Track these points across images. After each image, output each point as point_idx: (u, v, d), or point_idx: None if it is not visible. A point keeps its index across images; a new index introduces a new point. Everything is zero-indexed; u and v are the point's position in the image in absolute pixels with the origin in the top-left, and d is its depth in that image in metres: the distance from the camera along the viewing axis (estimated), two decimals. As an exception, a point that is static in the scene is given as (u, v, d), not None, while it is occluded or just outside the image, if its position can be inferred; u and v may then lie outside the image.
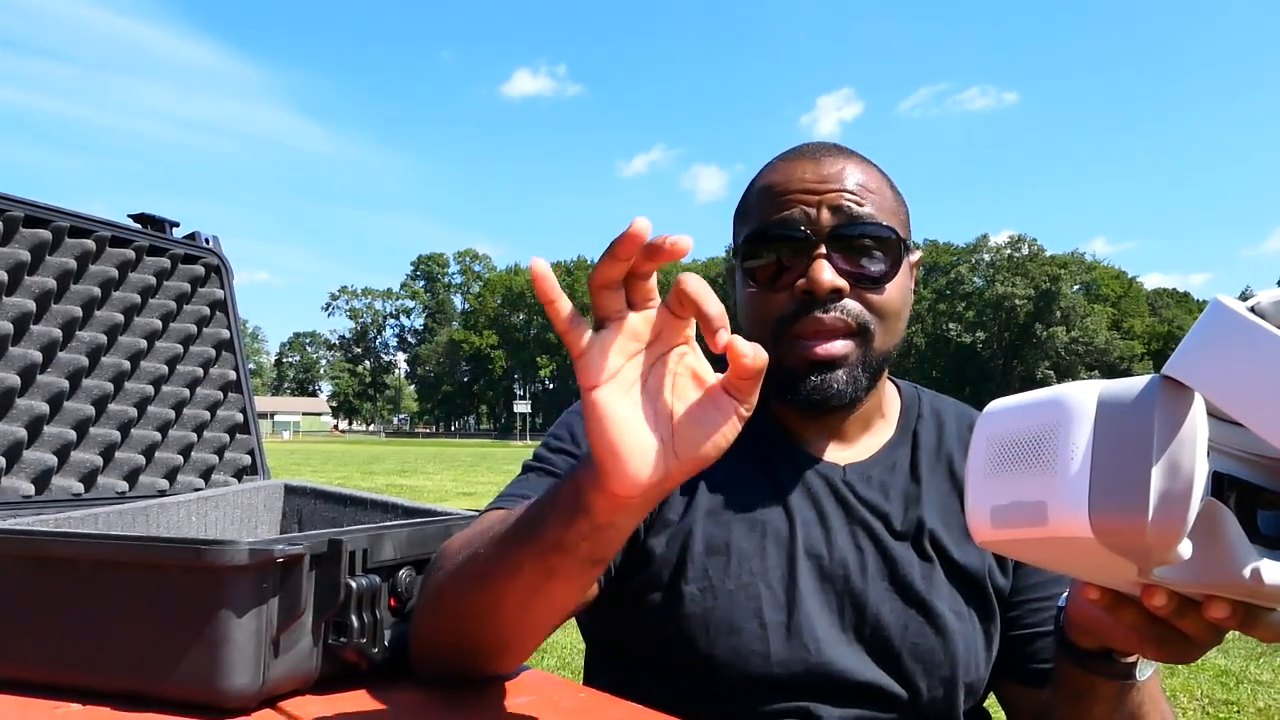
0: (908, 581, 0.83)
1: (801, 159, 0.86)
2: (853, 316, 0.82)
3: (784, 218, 0.83)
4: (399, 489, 13.23)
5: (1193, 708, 3.39)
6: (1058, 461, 0.46)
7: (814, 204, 0.83)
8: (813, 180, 0.84)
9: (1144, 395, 0.45)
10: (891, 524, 0.86)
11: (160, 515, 0.99)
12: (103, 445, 1.09)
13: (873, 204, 0.84)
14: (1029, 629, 0.89)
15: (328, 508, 1.10)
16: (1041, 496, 0.47)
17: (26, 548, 0.68)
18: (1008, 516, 0.49)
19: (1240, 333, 0.42)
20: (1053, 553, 0.50)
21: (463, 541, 0.71)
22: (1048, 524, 0.47)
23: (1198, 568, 0.46)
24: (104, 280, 1.14)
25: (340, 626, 0.69)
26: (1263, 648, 4.32)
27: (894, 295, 0.84)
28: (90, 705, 0.64)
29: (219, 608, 0.63)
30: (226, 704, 0.63)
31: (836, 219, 0.82)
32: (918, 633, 0.82)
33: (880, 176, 0.88)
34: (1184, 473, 0.43)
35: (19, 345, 1.02)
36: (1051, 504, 0.46)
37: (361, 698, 0.69)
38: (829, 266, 0.81)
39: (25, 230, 1.05)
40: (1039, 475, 0.47)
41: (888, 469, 0.89)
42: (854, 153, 0.88)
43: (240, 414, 1.29)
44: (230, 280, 1.33)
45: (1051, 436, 0.47)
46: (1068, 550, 0.48)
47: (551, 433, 0.90)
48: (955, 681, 0.83)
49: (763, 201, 0.86)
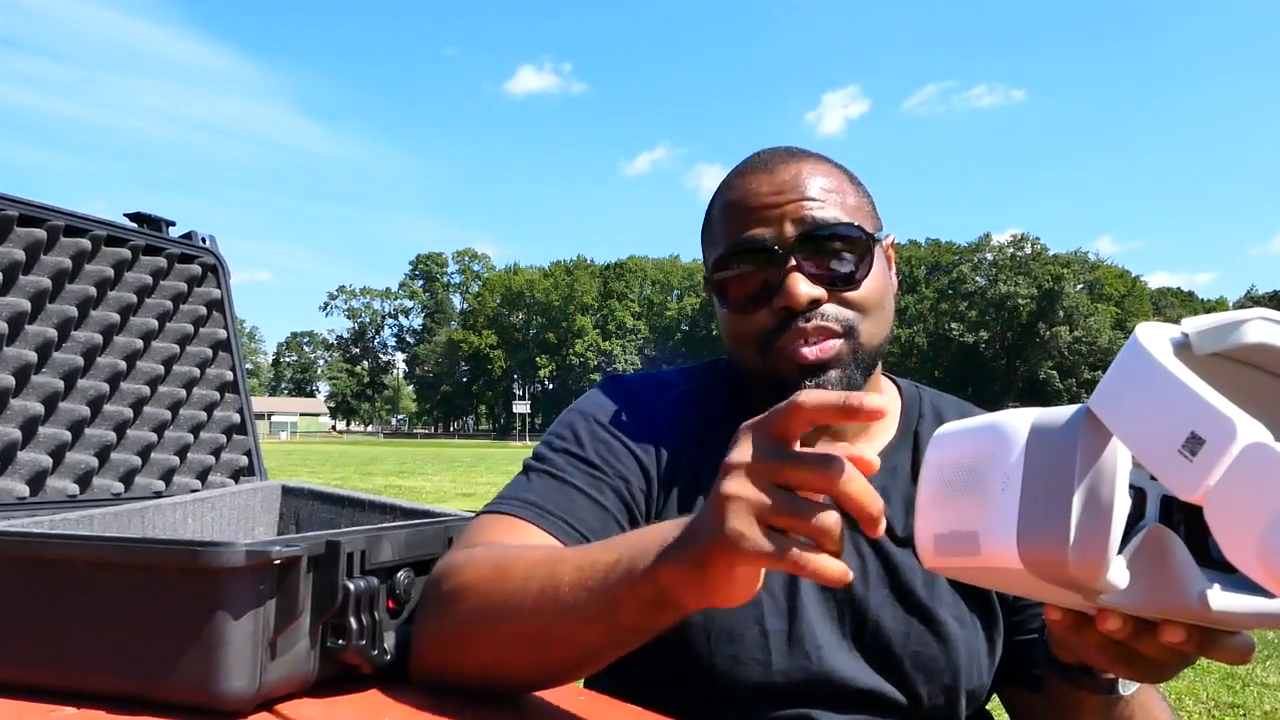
0: (909, 589, 0.83)
1: (756, 172, 0.86)
2: (835, 321, 0.82)
3: (748, 237, 0.83)
4: (397, 490, 13.23)
5: (1198, 711, 3.38)
6: (990, 492, 0.47)
7: (776, 218, 0.83)
8: (769, 193, 0.84)
9: (1068, 427, 0.45)
10: (893, 530, 0.85)
11: (156, 517, 0.98)
12: (98, 446, 1.08)
13: (834, 204, 0.84)
14: (1032, 634, 0.88)
15: (325, 509, 1.09)
16: (975, 526, 0.48)
17: (21, 549, 0.67)
18: (947, 545, 0.50)
19: (1144, 371, 0.42)
20: (996, 580, 0.51)
21: (494, 574, 0.68)
22: (980, 554, 0.48)
23: (1146, 592, 0.46)
24: (100, 280, 1.13)
25: (338, 628, 0.68)
26: (1270, 650, 4.32)
27: (872, 290, 0.84)
28: (85, 708, 0.63)
29: (215, 610, 0.62)
30: (223, 707, 0.62)
31: (800, 229, 0.82)
32: (919, 640, 0.82)
33: (838, 173, 0.87)
34: (1103, 505, 0.43)
35: (13, 345, 1.01)
36: (983, 534, 0.47)
37: (359, 700, 0.69)
38: (802, 279, 0.81)
39: (20, 229, 1.04)
40: (974, 505, 0.48)
41: (888, 474, 0.88)
42: (807, 154, 0.88)
43: (237, 414, 1.28)
44: (227, 280, 1.32)
45: (986, 465, 0.48)
46: (1008, 578, 0.48)
47: (553, 432, 0.89)
48: (957, 689, 0.83)
49: (726, 222, 0.86)
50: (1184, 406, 0.40)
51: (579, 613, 0.62)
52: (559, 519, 0.78)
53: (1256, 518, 0.38)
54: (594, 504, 0.81)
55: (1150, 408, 0.41)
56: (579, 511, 0.80)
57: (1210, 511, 0.39)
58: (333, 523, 1.08)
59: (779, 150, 0.88)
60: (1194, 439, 0.39)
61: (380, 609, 0.71)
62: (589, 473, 0.83)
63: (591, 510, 0.80)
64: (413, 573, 0.76)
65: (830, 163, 0.88)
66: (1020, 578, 0.47)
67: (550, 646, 0.65)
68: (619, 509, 0.82)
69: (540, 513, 0.79)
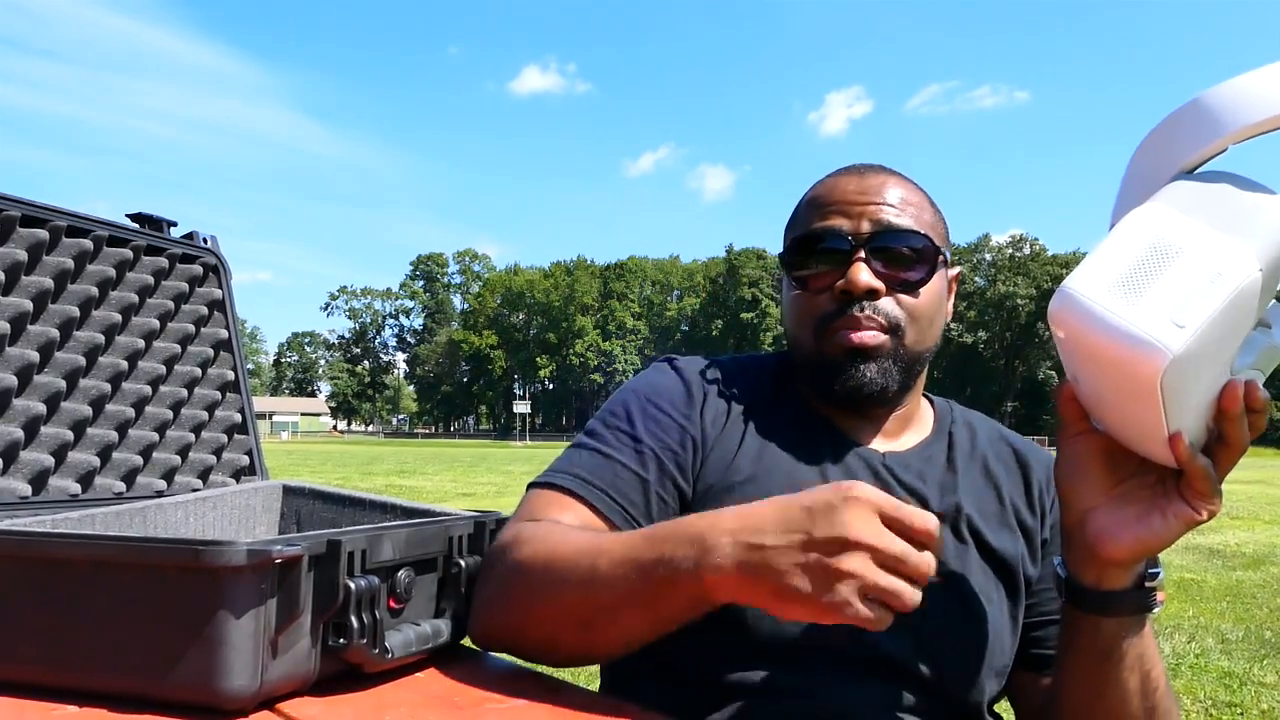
0: (942, 562, 0.84)
1: (848, 175, 0.93)
2: (885, 315, 0.87)
3: (827, 226, 0.90)
4: (398, 489, 13.23)
5: (1196, 710, 3.38)
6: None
7: (856, 214, 0.89)
8: (855, 193, 0.91)
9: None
10: (929, 505, 0.89)
11: (158, 516, 0.99)
12: (100, 446, 1.08)
13: (911, 216, 0.90)
14: (1040, 616, 0.92)
15: (326, 508, 1.09)
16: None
17: (23, 549, 0.67)
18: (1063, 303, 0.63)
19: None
20: (1083, 352, 0.63)
21: (548, 561, 0.76)
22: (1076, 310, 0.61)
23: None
24: (101, 280, 1.13)
25: (339, 627, 0.68)
26: (1267, 649, 4.32)
27: (927, 300, 0.90)
28: (86, 707, 0.63)
29: (217, 609, 0.62)
30: (224, 705, 0.62)
31: (875, 227, 0.88)
32: (947, 614, 0.84)
33: (921, 195, 0.94)
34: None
35: (16, 345, 1.02)
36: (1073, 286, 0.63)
37: (360, 699, 0.69)
38: (866, 269, 0.87)
39: (22, 230, 1.04)
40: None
41: (925, 460, 0.93)
42: (897, 172, 0.95)
43: (238, 414, 1.28)
44: (228, 280, 1.32)
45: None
46: (1088, 348, 0.62)
47: (608, 408, 0.95)
48: (981, 664, 0.85)
49: (809, 212, 0.93)
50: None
51: (622, 602, 0.70)
52: (602, 491, 0.86)
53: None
54: (636, 478, 0.87)
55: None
56: (621, 485, 0.87)
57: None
58: (334, 522, 1.08)
59: (869, 164, 0.96)
60: None
61: (381, 608, 0.71)
62: (634, 447, 0.89)
63: (633, 484, 0.87)
64: (413, 572, 0.76)
65: (916, 185, 0.95)
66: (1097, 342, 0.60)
67: (595, 629, 0.73)
68: (659, 481, 0.88)
69: (586, 486, 0.86)
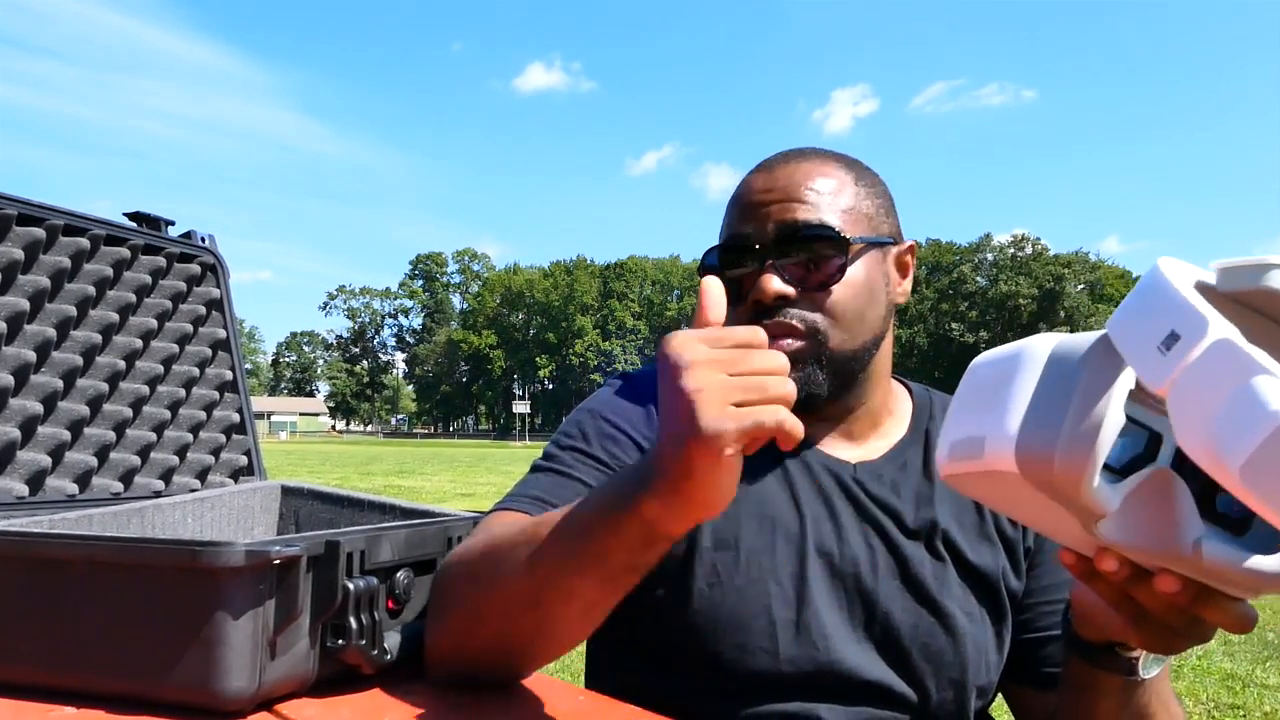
0: (919, 580, 0.83)
1: (758, 171, 0.89)
2: (799, 320, 0.83)
3: (734, 234, 0.86)
4: (397, 490, 13.23)
5: (1198, 712, 3.38)
6: (1005, 402, 0.49)
7: (762, 216, 0.85)
8: (761, 191, 0.86)
9: (1086, 347, 0.47)
10: (903, 522, 0.85)
11: (156, 516, 0.98)
12: (97, 446, 1.08)
13: (824, 206, 0.84)
14: (1040, 632, 0.89)
15: (325, 509, 1.09)
16: (983, 432, 0.50)
17: (20, 549, 0.67)
18: (958, 450, 0.52)
19: (1153, 292, 0.43)
20: (997, 492, 0.53)
21: (486, 549, 0.71)
22: (984, 457, 0.50)
23: (1145, 533, 0.48)
24: (99, 279, 1.13)
25: (338, 628, 0.68)
26: (1270, 651, 4.32)
27: (844, 295, 0.84)
28: (84, 708, 0.63)
29: (215, 609, 0.62)
30: (222, 707, 0.62)
31: (779, 230, 0.84)
32: (928, 632, 0.82)
33: (842, 175, 0.88)
34: (1095, 416, 0.45)
35: (12, 344, 1.01)
36: (989, 438, 0.49)
37: (359, 700, 0.68)
38: (775, 277, 0.83)
39: (19, 228, 1.04)
40: (988, 414, 0.50)
41: (899, 468, 0.89)
42: (815, 154, 0.89)
43: (236, 414, 1.28)
44: (226, 279, 1.32)
45: (1006, 380, 0.50)
46: (1005, 486, 0.50)
47: (562, 431, 0.90)
48: (965, 683, 0.83)
49: (725, 218, 0.90)
50: (1170, 310, 0.41)
51: (570, 566, 0.64)
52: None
53: (1211, 408, 0.39)
54: None
55: (1146, 317, 0.43)
56: None
57: (1171, 401, 0.40)
58: (332, 522, 1.07)
59: (790, 151, 0.90)
60: (1171, 336, 0.41)
61: (380, 609, 0.71)
62: (594, 466, 0.84)
63: None
64: (412, 573, 0.76)
65: (839, 164, 0.88)
66: (1015, 485, 0.48)
67: (547, 605, 0.66)
68: None
69: (542, 505, 0.79)
